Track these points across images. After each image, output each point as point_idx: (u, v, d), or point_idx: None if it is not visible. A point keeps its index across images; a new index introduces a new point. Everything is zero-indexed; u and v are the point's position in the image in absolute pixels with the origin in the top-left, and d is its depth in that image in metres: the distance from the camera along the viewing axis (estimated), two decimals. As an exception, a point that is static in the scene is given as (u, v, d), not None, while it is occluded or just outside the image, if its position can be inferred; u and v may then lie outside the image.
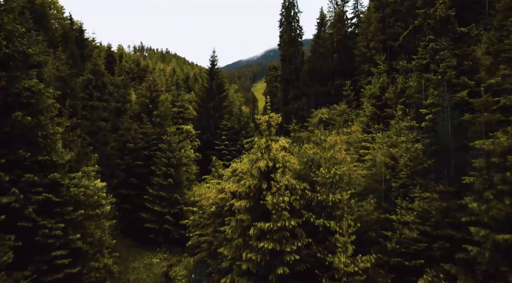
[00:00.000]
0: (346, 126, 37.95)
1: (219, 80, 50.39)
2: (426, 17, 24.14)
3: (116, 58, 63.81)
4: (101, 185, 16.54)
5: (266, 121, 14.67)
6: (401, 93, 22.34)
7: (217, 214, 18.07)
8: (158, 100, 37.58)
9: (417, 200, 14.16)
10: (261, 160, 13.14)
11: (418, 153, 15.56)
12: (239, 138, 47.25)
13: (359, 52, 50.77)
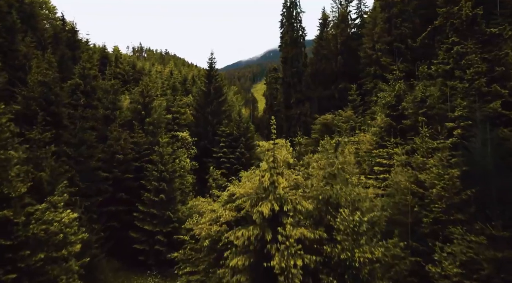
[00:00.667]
0: (353, 134, 35.09)
1: (217, 84, 47.43)
2: (449, 16, 21.18)
3: (111, 60, 60.83)
4: (72, 216, 13.58)
5: (271, 151, 11.72)
6: (421, 103, 19.48)
7: (212, 248, 15.18)
8: (152, 106, 34.64)
9: (457, 242, 11.26)
10: (264, 202, 10.19)
11: (454, 181, 12.66)
12: (238, 145, 44.30)
13: (365, 54, 47.86)
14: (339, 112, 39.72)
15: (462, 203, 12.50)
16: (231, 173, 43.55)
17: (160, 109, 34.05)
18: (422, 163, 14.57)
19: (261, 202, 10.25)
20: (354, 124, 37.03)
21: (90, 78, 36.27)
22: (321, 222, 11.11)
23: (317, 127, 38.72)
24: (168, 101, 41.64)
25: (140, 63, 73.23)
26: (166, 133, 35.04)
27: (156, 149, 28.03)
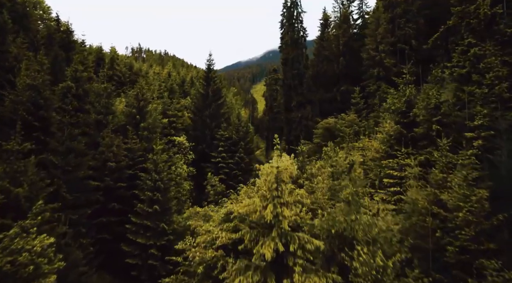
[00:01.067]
0: (357, 140, 33.41)
1: (215, 86, 45.76)
2: (464, 16, 19.49)
3: (107, 62, 59.07)
4: (47, 242, 11.87)
5: (274, 175, 9.99)
6: (435, 109, 17.81)
7: (206, 274, 13.48)
8: (147, 111, 32.93)
9: (492, 280, 9.57)
10: (266, 241, 8.50)
11: (482, 203, 10.99)
12: (238, 150, 42.61)
13: (367, 55, 46.18)
14: (342, 116, 38.02)
15: (493, 229, 10.84)
16: (230, 178, 41.91)
17: (155, 113, 32.33)
18: (442, 180, 12.90)
19: (262, 240, 8.56)
20: (358, 129, 35.33)
21: (83, 81, 34.62)
22: (333, 259, 9.43)
23: (319, 132, 37.06)
24: (165, 104, 39.95)
25: (137, 64, 71.51)
26: (162, 138, 33.35)
27: (150, 156, 26.30)
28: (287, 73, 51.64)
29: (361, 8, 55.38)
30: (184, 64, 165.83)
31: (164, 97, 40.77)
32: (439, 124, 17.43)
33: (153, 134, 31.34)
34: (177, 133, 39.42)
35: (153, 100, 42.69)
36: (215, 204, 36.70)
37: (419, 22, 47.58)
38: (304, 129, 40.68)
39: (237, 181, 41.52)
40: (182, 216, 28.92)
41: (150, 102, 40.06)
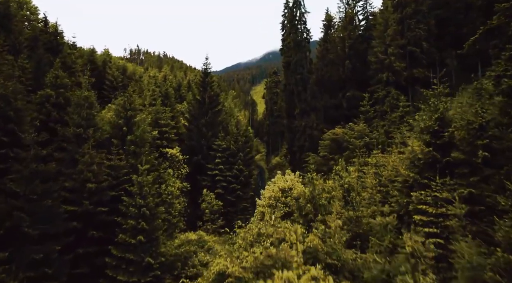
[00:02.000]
0: (369, 154, 29.61)
1: (213, 92, 41.97)
2: (511, 14, 15.72)
3: (99, 65, 55.31)
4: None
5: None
6: (480, 130, 14.14)
7: None
8: (135, 121, 29.12)
9: None
10: None
11: None
12: (236, 161, 38.84)
13: (376, 58, 42.40)
14: (350, 126, 34.24)
15: None
16: (228, 193, 38.15)
17: (144, 125, 28.50)
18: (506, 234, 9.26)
19: None
20: (369, 140, 31.57)
21: (66, 88, 30.90)
22: None
23: (326, 143, 33.34)
24: (157, 112, 36.15)
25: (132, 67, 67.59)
26: (152, 151, 29.56)
27: (134, 178, 22.49)
28: (289, 77, 47.90)
29: (366, 9, 51.62)
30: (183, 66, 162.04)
31: (157, 104, 36.98)
32: (487, 150, 13.69)
33: (141, 149, 27.54)
34: (170, 145, 35.62)
35: (145, 108, 38.93)
36: (211, 222, 33.08)
37: (430, 23, 43.89)
38: (309, 139, 36.94)
39: (236, 196, 37.84)
40: (172, 242, 25.24)
41: (141, 111, 36.29)
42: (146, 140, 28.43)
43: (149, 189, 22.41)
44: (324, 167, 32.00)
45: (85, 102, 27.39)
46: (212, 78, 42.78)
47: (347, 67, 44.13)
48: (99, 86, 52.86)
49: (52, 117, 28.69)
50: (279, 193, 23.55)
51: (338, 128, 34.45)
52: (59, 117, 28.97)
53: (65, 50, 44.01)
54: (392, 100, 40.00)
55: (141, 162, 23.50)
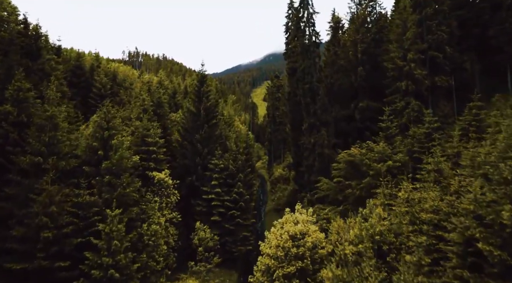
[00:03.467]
0: (396, 183, 24.08)
1: (209, 103, 36.43)
2: None
3: (86, 71, 49.76)
4: None
5: None
6: None
7: None
8: (113, 144, 23.53)
9: None
10: None
11: None
12: (235, 184, 33.33)
13: (393, 65, 36.77)
14: (369, 145, 28.64)
15: None
16: (226, 220, 32.58)
17: (122, 150, 22.91)
18: None
19: None
20: (391, 164, 26.02)
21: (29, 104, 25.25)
22: None
23: (341, 167, 27.85)
24: (144, 128, 30.58)
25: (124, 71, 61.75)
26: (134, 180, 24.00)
27: (101, 227, 16.98)
28: (294, 85, 42.28)
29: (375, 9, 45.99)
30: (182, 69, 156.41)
31: (144, 119, 31.41)
32: None
33: (118, 179, 22.01)
34: (158, 166, 30.06)
35: (131, 123, 33.37)
36: (206, 261, 27.55)
37: (451, 24, 38.40)
38: (319, 158, 31.45)
39: (235, 224, 32.32)
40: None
41: (125, 127, 30.76)
42: (125, 167, 22.89)
43: (121, 242, 16.89)
44: (339, 195, 26.60)
45: (48, 123, 21.86)
46: (208, 87, 37.24)
47: (360, 75, 38.54)
48: (86, 95, 47.36)
49: (10, 139, 23.15)
50: (289, 241, 18.05)
51: (355, 148, 28.92)
52: (20, 139, 23.42)
53: (43, 55, 38.38)
54: (412, 112, 34.48)
55: (111, 209, 17.95)
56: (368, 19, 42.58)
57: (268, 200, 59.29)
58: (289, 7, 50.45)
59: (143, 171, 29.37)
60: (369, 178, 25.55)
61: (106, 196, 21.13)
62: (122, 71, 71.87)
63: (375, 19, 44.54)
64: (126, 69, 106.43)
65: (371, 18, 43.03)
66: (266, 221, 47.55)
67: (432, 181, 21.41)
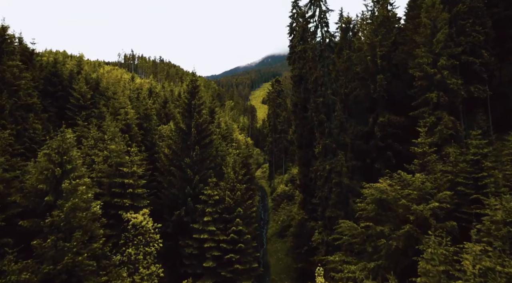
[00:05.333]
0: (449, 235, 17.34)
1: (201, 119, 29.66)
2: None
3: (64, 78, 42.82)
4: None
5: None
6: None
7: None
8: (66, 187, 16.73)
9: None
10: None
11: None
12: (233, 219, 26.58)
13: (421, 72, 30.07)
14: (401, 176, 21.90)
15: None
16: (222, 266, 25.81)
17: (79, 192, 16.16)
18: None
19: None
20: (437, 205, 19.36)
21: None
22: None
23: (369, 208, 21.19)
24: (119, 154, 23.76)
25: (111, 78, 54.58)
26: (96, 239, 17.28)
27: None
28: (300, 96, 35.66)
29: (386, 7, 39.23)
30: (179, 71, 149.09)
31: (118, 142, 24.60)
32: None
33: (72, 238, 15.27)
34: (136, 202, 23.25)
35: (105, 145, 26.48)
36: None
37: (487, 24, 31.85)
38: (335, 189, 24.79)
39: (233, 271, 25.54)
40: None
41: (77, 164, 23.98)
42: (80, 221, 16.07)
43: None
44: (369, 245, 20.07)
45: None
46: (200, 99, 30.42)
47: (380, 84, 31.86)
48: (63, 106, 40.53)
49: None
50: None
51: (384, 181, 22.29)
52: None
53: (4, 62, 31.51)
54: (445, 129, 27.88)
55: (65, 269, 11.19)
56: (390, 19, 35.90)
57: (269, 219, 52.56)
58: (293, 5, 43.78)
59: (116, 210, 22.66)
60: (409, 226, 18.88)
61: (47, 268, 14.35)
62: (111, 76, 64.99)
63: (397, 19, 37.81)
64: (119, 73, 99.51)
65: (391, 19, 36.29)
66: (268, 248, 40.86)
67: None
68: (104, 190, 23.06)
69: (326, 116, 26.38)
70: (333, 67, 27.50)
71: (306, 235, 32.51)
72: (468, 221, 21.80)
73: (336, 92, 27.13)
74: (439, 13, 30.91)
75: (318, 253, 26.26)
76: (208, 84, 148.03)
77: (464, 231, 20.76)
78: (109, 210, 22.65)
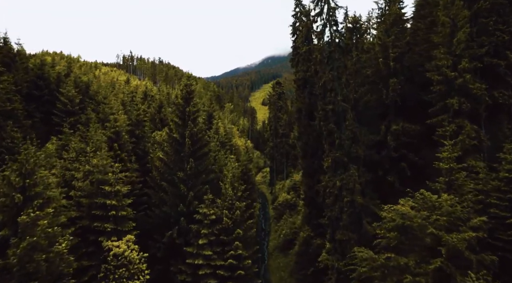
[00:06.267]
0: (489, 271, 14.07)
1: (196, 128, 26.39)
2: None
3: (51, 82, 39.52)
4: None
5: None
6: None
7: None
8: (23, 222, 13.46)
9: None
10: None
11: None
12: (232, 242, 23.29)
13: (440, 76, 26.78)
14: (425, 197, 18.65)
15: None
16: (219, 296, 22.56)
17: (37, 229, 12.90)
18: None
19: None
20: (472, 235, 16.12)
21: None
22: None
23: (390, 235, 17.88)
24: (101, 170, 20.50)
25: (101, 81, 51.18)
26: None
27: None
28: (305, 102, 32.47)
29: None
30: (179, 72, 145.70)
31: (101, 156, 21.34)
32: None
33: None
34: (120, 226, 19.99)
35: (87, 158, 23.16)
36: None
37: (510, 22, 28.58)
38: (348, 209, 21.55)
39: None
40: None
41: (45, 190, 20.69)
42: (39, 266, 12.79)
43: None
44: (391, 280, 16.79)
45: None
46: (196, 106, 27.15)
47: (394, 88, 28.62)
48: (50, 111, 37.24)
49: None
50: None
51: (405, 202, 18.98)
52: None
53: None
54: (467, 140, 24.61)
55: None
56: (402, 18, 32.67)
57: (271, 229, 49.30)
58: (296, 4, 40.41)
59: (96, 236, 19.39)
60: (441, 260, 15.64)
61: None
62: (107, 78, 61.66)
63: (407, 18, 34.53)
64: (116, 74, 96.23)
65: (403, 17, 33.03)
66: (270, 264, 37.59)
67: None
68: (83, 212, 19.81)
69: (336, 126, 23.13)
70: (343, 70, 24.20)
71: (312, 254, 29.29)
72: (504, 249, 18.64)
73: (347, 98, 23.86)
74: (459, 11, 27.60)
75: (327, 280, 23.04)
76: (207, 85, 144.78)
77: (502, 261, 17.58)
78: (88, 235, 19.41)
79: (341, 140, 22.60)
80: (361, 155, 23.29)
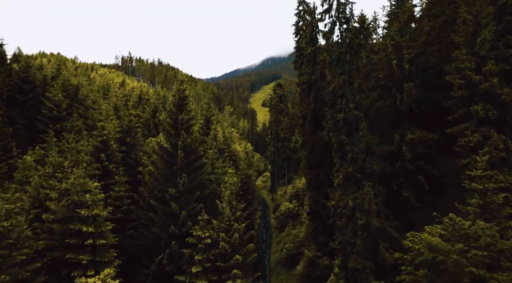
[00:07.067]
0: None
1: (190, 137, 23.34)
2: None
3: (37, 85, 36.46)
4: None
5: None
6: None
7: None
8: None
9: None
10: None
11: None
12: (229, 270, 20.23)
13: (462, 80, 23.76)
14: (455, 222, 15.65)
15: None
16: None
17: None
18: None
19: None
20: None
21: None
22: None
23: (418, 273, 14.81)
24: (79, 191, 17.49)
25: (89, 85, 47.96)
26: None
27: None
28: (310, 107, 29.47)
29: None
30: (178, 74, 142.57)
31: (79, 172, 18.36)
32: None
33: None
34: (99, 257, 16.93)
35: (65, 174, 20.13)
36: None
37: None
38: (362, 233, 18.45)
39: None
40: None
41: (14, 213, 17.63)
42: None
43: None
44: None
45: None
46: (189, 113, 24.09)
47: (409, 93, 25.58)
48: (35, 117, 34.24)
49: None
50: None
51: (432, 229, 15.86)
52: None
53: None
54: (494, 151, 21.60)
55: None
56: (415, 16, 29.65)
57: (272, 241, 46.24)
58: (299, 2, 37.36)
59: (70, 270, 16.34)
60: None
61: None
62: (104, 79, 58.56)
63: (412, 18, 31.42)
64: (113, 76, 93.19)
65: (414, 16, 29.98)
66: (272, 282, 34.50)
67: None
68: (55, 241, 16.77)
69: (348, 137, 20.07)
70: (356, 74, 21.13)
71: (319, 276, 26.31)
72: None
73: (360, 106, 20.80)
74: (482, 7, 24.53)
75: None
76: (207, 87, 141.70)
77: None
78: (61, 268, 16.36)
79: (354, 153, 19.57)
80: (376, 171, 20.24)
